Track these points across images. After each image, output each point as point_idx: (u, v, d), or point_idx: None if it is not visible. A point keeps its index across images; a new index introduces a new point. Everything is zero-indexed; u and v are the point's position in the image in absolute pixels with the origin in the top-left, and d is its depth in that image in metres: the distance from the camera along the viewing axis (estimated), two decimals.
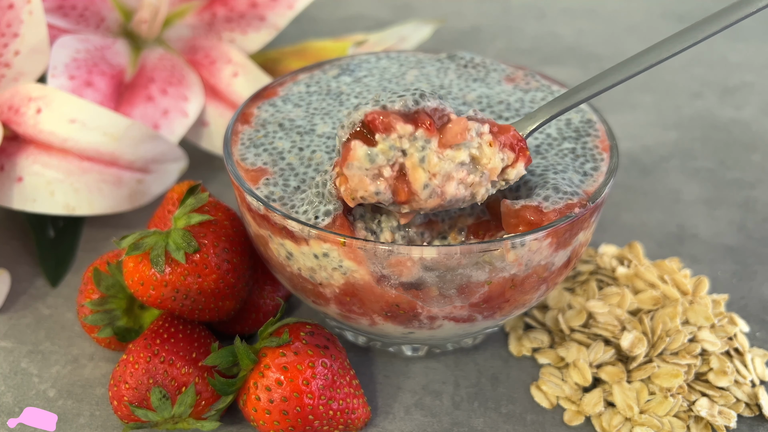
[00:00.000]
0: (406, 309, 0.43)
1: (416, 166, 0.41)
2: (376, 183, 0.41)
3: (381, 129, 0.40)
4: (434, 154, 0.41)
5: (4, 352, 0.52)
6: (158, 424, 0.45)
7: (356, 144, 0.40)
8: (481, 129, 0.42)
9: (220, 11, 0.67)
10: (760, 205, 0.65)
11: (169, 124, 0.62)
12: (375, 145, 0.40)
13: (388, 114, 0.40)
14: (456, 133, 0.41)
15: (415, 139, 0.41)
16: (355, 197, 0.41)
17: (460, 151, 0.41)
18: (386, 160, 0.41)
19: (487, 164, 0.42)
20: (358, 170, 0.41)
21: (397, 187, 0.41)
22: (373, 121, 0.40)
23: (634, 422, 0.47)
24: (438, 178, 0.41)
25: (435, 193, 0.41)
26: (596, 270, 0.56)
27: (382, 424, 0.48)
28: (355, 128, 0.41)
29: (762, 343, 0.53)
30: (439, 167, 0.41)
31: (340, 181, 0.42)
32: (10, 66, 0.56)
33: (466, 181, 0.42)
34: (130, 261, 0.45)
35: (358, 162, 0.40)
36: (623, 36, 0.90)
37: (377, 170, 0.41)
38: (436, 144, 0.41)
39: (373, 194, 0.41)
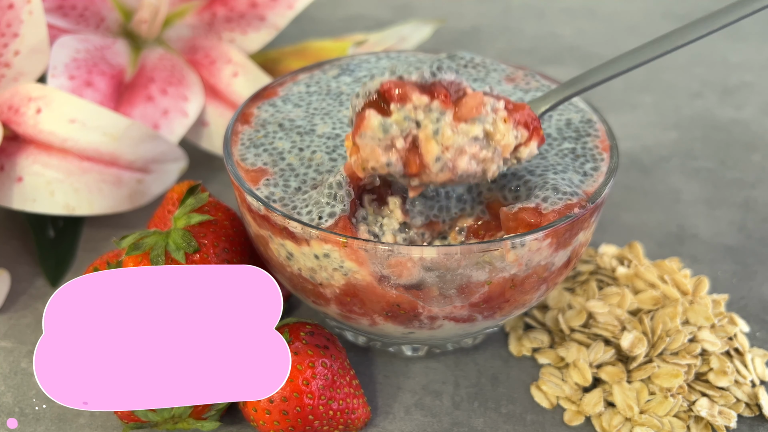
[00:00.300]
0: (407, 309, 0.43)
1: (429, 138, 0.40)
2: (388, 154, 0.40)
3: (396, 99, 0.40)
4: (448, 127, 0.40)
5: (4, 352, 0.52)
6: (158, 424, 0.45)
7: (371, 113, 0.40)
8: (496, 105, 0.41)
9: (220, 11, 0.67)
10: (760, 205, 0.65)
11: (169, 124, 0.62)
12: (389, 115, 0.40)
13: (404, 84, 0.40)
14: (471, 107, 0.40)
15: (430, 111, 0.40)
16: (366, 168, 0.41)
17: (474, 125, 0.41)
18: (400, 131, 0.40)
19: (500, 140, 0.41)
20: (371, 140, 0.40)
21: (409, 159, 0.41)
22: (389, 91, 0.40)
23: (634, 422, 0.47)
24: (450, 151, 0.40)
25: (446, 166, 0.41)
26: (596, 270, 0.56)
27: (382, 424, 0.48)
28: (371, 97, 0.40)
29: (762, 343, 0.53)
30: (452, 141, 0.40)
31: (352, 150, 0.41)
32: (10, 66, 0.56)
33: (479, 156, 0.41)
34: (130, 261, 0.45)
35: (371, 131, 0.40)
36: (623, 36, 0.90)
37: (390, 141, 0.40)
38: (451, 117, 0.40)
39: (384, 165, 0.41)
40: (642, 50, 0.43)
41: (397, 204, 0.45)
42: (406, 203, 0.45)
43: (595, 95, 0.79)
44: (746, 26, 0.91)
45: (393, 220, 0.45)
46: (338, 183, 0.42)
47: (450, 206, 0.46)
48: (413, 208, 0.45)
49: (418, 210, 0.45)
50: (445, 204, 0.46)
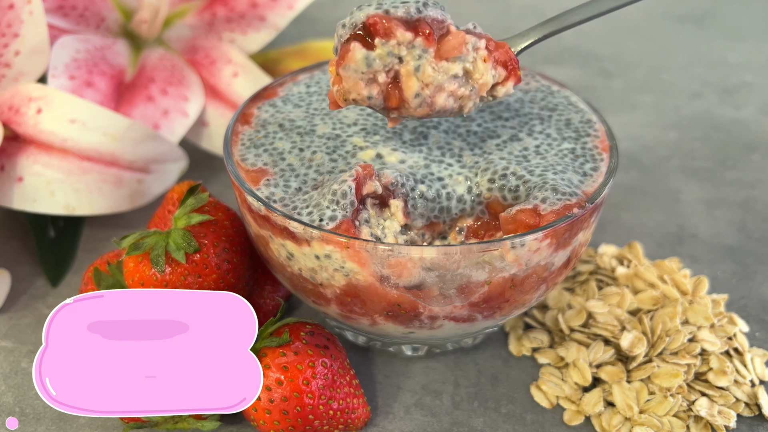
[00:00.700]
0: (408, 309, 0.44)
1: (411, 74, 0.41)
2: (370, 87, 0.42)
3: (381, 34, 0.41)
4: (429, 65, 0.41)
5: (4, 351, 0.52)
6: (158, 424, 0.45)
7: (356, 46, 0.41)
8: (477, 44, 0.43)
9: (220, 11, 0.67)
10: (760, 205, 0.65)
11: (169, 124, 0.62)
12: (374, 49, 0.41)
13: (390, 19, 0.41)
14: (453, 46, 0.42)
15: (413, 48, 0.41)
16: (347, 98, 0.42)
17: (454, 63, 0.42)
18: (382, 66, 0.41)
19: (478, 79, 0.43)
20: (354, 73, 0.41)
21: (389, 93, 0.42)
22: (374, 25, 0.41)
23: (634, 422, 0.47)
24: (430, 88, 0.42)
25: (425, 102, 0.42)
26: (596, 270, 0.56)
27: (382, 423, 0.48)
28: (356, 30, 0.41)
29: (762, 343, 0.53)
30: (432, 78, 0.42)
31: (334, 80, 0.42)
32: (11, 66, 0.57)
33: (457, 93, 0.43)
34: (131, 261, 0.45)
35: (355, 65, 0.41)
36: (623, 36, 0.90)
37: (372, 75, 0.41)
38: (433, 54, 0.41)
39: (365, 98, 0.42)
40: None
41: (399, 207, 0.45)
42: (407, 206, 0.45)
43: (595, 95, 0.79)
44: (746, 26, 0.91)
45: (395, 222, 0.45)
46: (343, 193, 0.42)
47: (451, 207, 0.46)
48: (415, 210, 0.45)
49: (420, 213, 0.45)
50: (446, 205, 0.46)
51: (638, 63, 0.85)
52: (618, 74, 0.83)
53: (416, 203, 0.45)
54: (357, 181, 0.43)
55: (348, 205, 0.42)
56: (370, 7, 0.42)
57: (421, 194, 0.45)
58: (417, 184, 0.45)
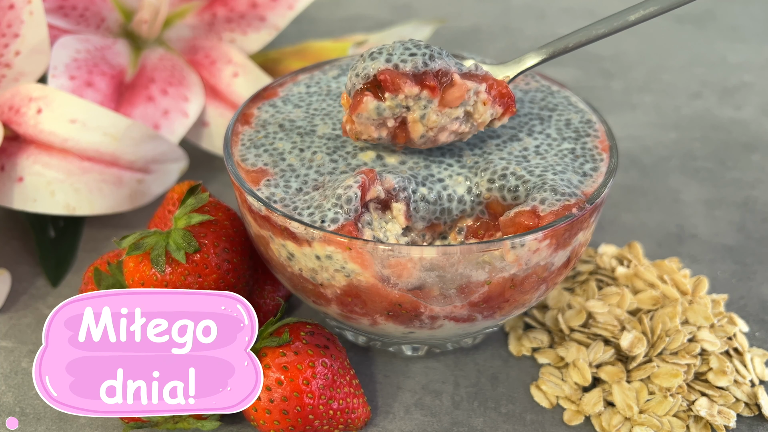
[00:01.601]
0: (409, 309, 0.44)
1: (416, 121, 0.45)
2: (380, 130, 0.45)
3: (391, 89, 0.44)
4: (434, 113, 0.45)
5: (4, 351, 0.52)
6: (158, 424, 0.45)
7: (368, 99, 0.44)
8: (478, 88, 0.45)
9: (221, 11, 0.67)
10: (760, 205, 0.65)
11: (169, 125, 0.62)
12: (384, 101, 0.44)
13: (398, 75, 0.44)
14: (456, 97, 0.45)
15: (419, 99, 0.44)
16: (359, 137, 0.46)
17: (457, 109, 0.45)
18: (391, 114, 0.44)
19: (478, 119, 0.46)
20: (366, 120, 0.45)
21: (397, 133, 0.46)
22: (384, 81, 0.44)
23: (634, 422, 0.47)
24: (434, 130, 0.46)
25: (429, 140, 0.46)
26: (596, 270, 0.56)
27: (382, 423, 0.48)
28: (367, 81, 0.44)
29: (761, 343, 0.53)
30: (436, 123, 0.45)
31: (347, 119, 0.45)
32: (11, 66, 0.57)
33: (458, 131, 0.46)
34: (131, 261, 0.45)
35: (367, 113, 0.44)
36: (623, 36, 0.90)
37: (382, 120, 0.45)
38: (437, 104, 0.45)
39: (375, 138, 0.46)
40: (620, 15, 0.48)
41: (401, 210, 0.45)
42: (409, 209, 0.45)
43: (595, 95, 0.79)
44: (746, 26, 0.91)
45: (396, 225, 0.45)
46: (348, 199, 0.43)
47: (452, 208, 0.46)
48: (416, 213, 0.45)
49: (421, 215, 0.46)
50: (447, 206, 0.46)
51: (638, 63, 0.85)
52: (618, 74, 0.83)
53: (418, 206, 0.45)
54: (362, 187, 0.43)
55: (352, 210, 0.43)
56: (380, 58, 0.45)
57: (423, 197, 0.45)
58: (418, 187, 0.45)
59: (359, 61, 0.45)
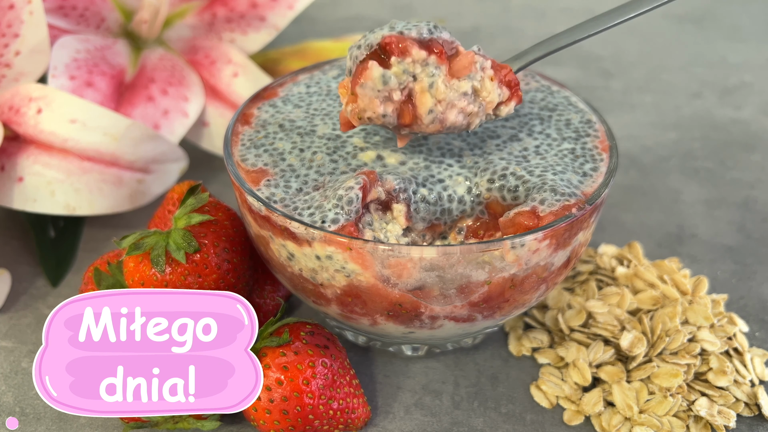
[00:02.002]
0: (409, 309, 0.44)
1: (425, 90, 0.43)
2: (385, 105, 0.43)
3: (397, 52, 0.42)
4: (442, 82, 0.43)
5: (4, 351, 0.52)
6: (158, 424, 0.45)
7: (373, 64, 0.42)
8: (484, 63, 0.44)
9: (221, 11, 0.67)
10: (760, 205, 0.65)
11: (169, 125, 0.62)
12: (390, 67, 0.42)
13: (405, 39, 0.43)
14: (464, 65, 0.44)
15: (426, 65, 0.43)
16: (362, 117, 0.43)
17: (465, 82, 0.44)
18: (398, 84, 0.43)
19: (486, 97, 0.45)
20: (370, 90, 0.43)
21: (403, 110, 0.44)
22: (390, 44, 0.42)
23: (634, 422, 0.47)
24: (442, 104, 0.44)
25: (437, 118, 0.44)
26: (596, 270, 0.56)
27: (382, 423, 0.48)
28: (372, 50, 0.43)
29: (761, 343, 0.53)
30: (444, 94, 0.43)
31: (348, 99, 0.43)
32: (11, 66, 0.57)
33: (466, 110, 0.44)
34: (131, 261, 0.45)
35: (372, 82, 0.42)
36: (623, 36, 0.90)
37: (388, 93, 0.43)
38: (445, 72, 0.43)
39: (380, 116, 0.43)
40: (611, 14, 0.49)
41: (401, 212, 0.45)
42: (410, 210, 0.45)
43: (595, 95, 0.79)
44: (745, 26, 0.91)
45: (396, 226, 0.45)
46: (349, 200, 0.43)
47: (452, 209, 0.46)
48: (417, 214, 0.45)
49: (421, 216, 0.45)
50: (447, 207, 0.46)
51: (638, 63, 0.85)
52: (618, 74, 0.83)
53: (418, 207, 0.45)
54: (363, 188, 0.43)
55: (353, 211, 0.42)
56: (383, 29, 0.43)
57: (423, 198, 0.45)
58: (419, 188, 0.45)
59: (359, 40, 0.44)
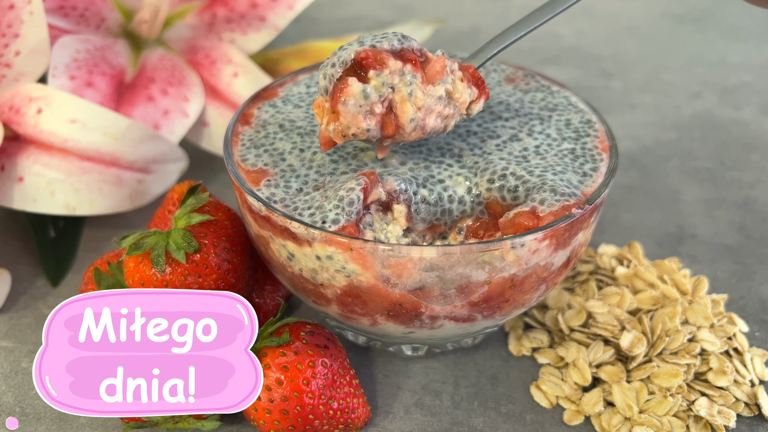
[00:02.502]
0: (410, 308, 0.44)
1: (405, 99, 0.43)
2: (368, 119, 0.43)
3: (374, 65, 0.42)
4: (420, 90, 0.43)
5: (4, 351, 0.52)
6: (158, 424, 0.45)
7: (353, 80, 0.42)
8: (453, 66, 0.45)
9: (221, 12, 0.67)
10: (760, 205, 0.66)
11: (169, 125, 0.62)
12: (368, 81, 0.42)
13: (380, 52, 0.43)
14: (437, 70, 0.44)
15: (403, 75, 0.43)
16: (346, 134, 0.43)
17: (439, 86, 0.44)
18: (378, 96, 0.43)
19: (459, 98, 0.45)
20: (353, 107, 0.42)
21: (386, 122, 0.44)
22: (366, 58, 0.42)
23: (634, 422, 0.47)
24: (422, 111, 0.44)
25: (418, 126, 0.44)
26: (596, 270, 0.56)
27: (382, 423, 0.48)
28: (347, 66, 0.43)
29: (761, 343, 0.53)
30: (423, 101, 0.44)
31: (330, 118, 0.43)
32: (11, 66, 0.57)
33: (443, 113, 0.45)
34: (131, 261, 0.45)
35: (353, 99, 0.42)
36: (623, 36, 0.91)
37: (369, 107, 0.43)
38: (420, 80, 0.43)
39: (364, 131, 0.43)
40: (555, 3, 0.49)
41: (402, 212, 0.45)
42: (410, 211, 0.45)
43: (595, 95, 0.79)
44: (746, 26, 0.91)
45: (397, 226, 0.45)
46: (350, 201, 0.43)
47: (452, 209, 0.46)
48: (417, 215, 0.45)
49: (422, 217, 0.46)
50: (448, 207, 0.46)
51: (638, 63, 0.85)
52: (618, 74, 0.83)
53: (419, 208, 0.45)
54: (364, 190, 0.43)
55: (354, 213, 0.42)
56: (353, 45, 0.43)
57: (424, 199, 0.45)
58: (419, 189, 0.45)
59: (328, 59, 0.44)
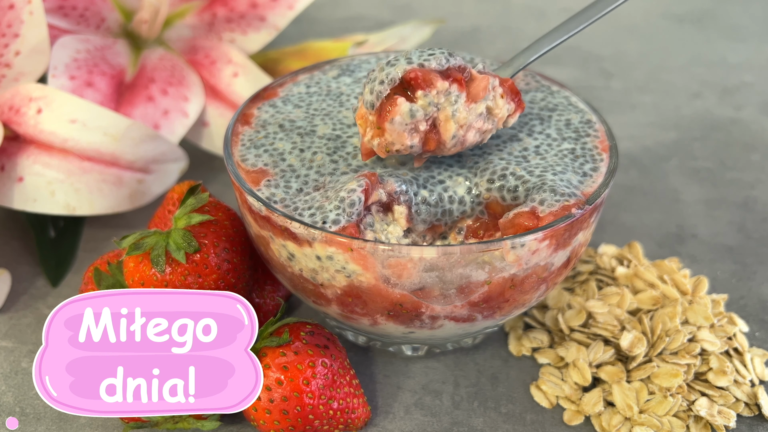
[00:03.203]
0: (410, 308, 0.44)
1: (449, 118, 0.44)
2: (412, 137, 0.44)
3: (423, 86, 0.43)
4: (463, 108, 0.44)
5: (4, 351, 0.52)
6: (158, 424, 0.45)
7: (401, 101, 0.43)
8: (494, 83, 0.45)
9: (221, 11, 0.67)
10: (760, 205, 0.66)
11: (169, 125, 0.62)
12: (416, 101, 0.43)
13: (428, 72, 0.43)
14: (480, 89, 0.45)
15: (449, 94, 0.44)
16: (390, 150, 0.44)
17: (481, 103, 0.45)
18: (424, 115, 0.44)
19: (498, 114, 0.46)
20: (399, 126, 0.43)
21: (428, 138, 0.45)
22: (415, 79, 0.43)
23: (634, 422, 0.47)
24: (464, 128, 0.45)
25: (459, 141, 0.45)
26: (596, 270, 0.56)
27: (382, 423, 0.48)
28: (394, 84, 0.43)
29: (761, 343, 0.53)
30: (465, 119, 0.45)
31: (374, 134, 0.44)
32: (11, 66, 0.57)
33: (483, 129, 0.46)
34: (131, 261, 0.45)
35: (401, 117, 0.43)
36: (623, 36, 0.91)
37: (414, 125, 0.44)
38: (464, 98, 0.44)
39: (408, 147, 0.44)
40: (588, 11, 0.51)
41: (402, 213, 0.45)
42: (411, 212, 0.45)
43: (595, 95, 0.79)
44: (746, 26, 0.91)
45: (398, 227, 0.45)
46: (351, 202, 0.42)
47: (453, 210, 0.46)
48: (418, 216, 0.45)
49: (422, 218, 0.46)
50: (448, 208, 0.46)
51: (638, 63, 0.85)
52: (618, 74, 0.83)
53: (419, 209, 0.45)
54: (365, 191, 0.43)
55: (354, 213, 0.42)
56: (401, 61, 0.44)
57: (424, 200, 0.45)
58: (419, 190, 0.45)
59: (376, 72, 0.44)
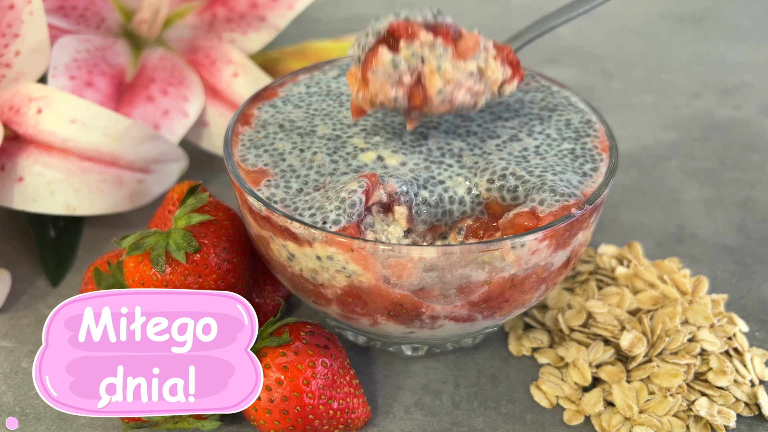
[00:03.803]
0: (410, 308, 0.44)
1: (434, 72, 0.44)
2: (396, 89, 0.44)
3: (406, 36, 0.44)
4: (449, 63, 0.45)
5: (4, 351, 0.52)
6: (158, 424, 0.45)
7: (383, 50, 0.44)
8: (487, 44, 0.46)
9: (221, 12, 0.67)
10: (760, 205, 0.66)
11: (169, 125, 0.62)
12: (399, 51, 0.44)
13: (412, 23, 0.44)
14: (469, 46, 0.45)
15: (434, 48, 0.44)
16: (374, 102, 0.45)
17: (470, 62, 0.45)
18: (407, 67, 0.44)
19: (491, 76, 0.46)
20: (381, 75, 0.44)
21: (413, 93, 0.45)
22: (398, 29, 0.44)
23: (634, 422, 0.47)
24: (450, 85, 0.45)
25: (446, 99, 0.45)
26: (596, 270, 0.56)
27: (382, 423, 0.48)
28: (380, 37, 0.44)
29: (761, 343, 0.53)
30: (452, 75, 0.45)
31: (359, 86, 0.45)
32: (11, 66, 0.57)
33: (473, 89, 0.46)
34: (131, 261, 0.45)
35: (383, 67, 0.44)
36: (623, 36, 0.91)
37: (398, 77, 0.44)
38: (451, 54, 0.44)
39: (391, 99, 0.45)
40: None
41: (403, 214, 0.45)
42: (411, 212, 0.45)
43: (595, 95, 0.79)
44: (746, 26, 0.91)
45: (398, 227, 0.45)
46: (352, 203, 0.42)
47: (453, 210, 0.46)
48: (418, 217, 0.45)
49: (423, 219, 0.46)
50: (448, 209, 0.46)
51: (638, 63, 0.85)
52: (618, 74, 0.83)
53: (420, 210, 0.45)
54: (366, 192, 0.43)
55: (355, 214, 0.42)
56: (389, 17, 0.45)
57: (425, 200, 0.45)
58: (420, 191, 0.45)
59: (365, 28, 0.45)
